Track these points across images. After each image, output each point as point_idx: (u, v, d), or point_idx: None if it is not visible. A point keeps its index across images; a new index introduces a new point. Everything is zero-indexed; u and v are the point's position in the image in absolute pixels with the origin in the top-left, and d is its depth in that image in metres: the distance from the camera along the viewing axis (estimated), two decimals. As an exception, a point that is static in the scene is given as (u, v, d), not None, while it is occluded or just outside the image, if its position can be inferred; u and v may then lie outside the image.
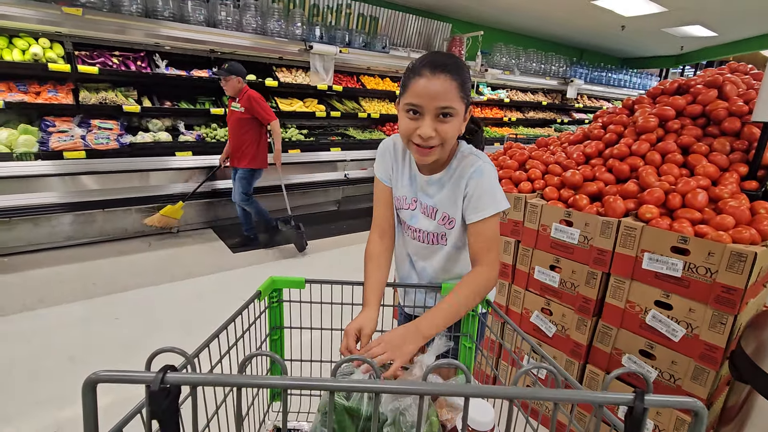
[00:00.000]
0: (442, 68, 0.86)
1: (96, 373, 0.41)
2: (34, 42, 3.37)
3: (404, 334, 0.84)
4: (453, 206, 1.02)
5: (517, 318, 1.89)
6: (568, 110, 8.22)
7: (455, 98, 0.88)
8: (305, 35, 4.57)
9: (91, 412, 0.42)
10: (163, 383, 0.42)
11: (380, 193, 1.11)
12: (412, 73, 0.89)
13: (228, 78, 3.38)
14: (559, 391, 0.44)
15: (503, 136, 6.54)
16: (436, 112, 0.88)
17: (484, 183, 0.97)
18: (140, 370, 0.43)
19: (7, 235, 3.25)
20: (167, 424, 0.44)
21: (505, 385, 0.48)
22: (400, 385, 0.46)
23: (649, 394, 0.43)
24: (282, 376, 0.46)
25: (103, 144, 3.43)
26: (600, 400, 0.44)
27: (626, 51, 8.83)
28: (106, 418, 0.47)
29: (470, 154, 1.01)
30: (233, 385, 0.45)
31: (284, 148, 4.42)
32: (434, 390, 0.44)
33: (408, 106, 0.90)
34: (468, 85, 0.91)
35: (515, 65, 6.65)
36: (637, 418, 0.43)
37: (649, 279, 1.43)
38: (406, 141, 0.95)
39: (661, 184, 1.54)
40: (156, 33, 3.66)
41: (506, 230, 1.88)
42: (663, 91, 2.02)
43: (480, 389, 0.45)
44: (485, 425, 0.65)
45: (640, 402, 0.43)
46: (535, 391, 0.45)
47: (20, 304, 2.63)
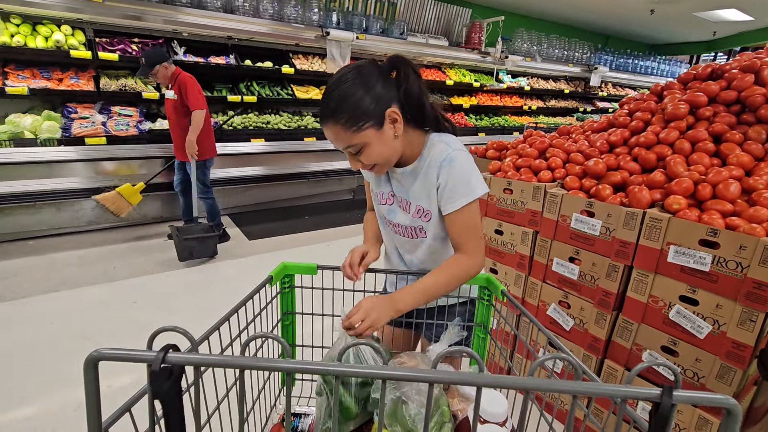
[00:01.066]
0: (325, 117, 0.88)
1: (98, 351, 0.41)
2: (56, 29, 3.43)
3: (380, 304, 0.88)
4: (426, 198, 0.99)
5: (533, 310, 1.84)
6: (592, 99, 7.97)
7: (349, 137, 0.88)
8: (322, 21, 4.52)
9: (93, 389, 0.41)
10: (165, 363, 0.42)
11: (367, 188, 1.18)
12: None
13: (153, 71, 3.05)
14: (579, 384, 0.41)
15: (523, 125, 6.39)
16: (346, 151, 0.92)
17: (455, 171, 0.94)
18: (142, 349, 0.43)
19: (32, 219, 3.35)
20: (169, 406, 0.44)
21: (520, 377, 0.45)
22: (409, 372, 0.44)
23: (678, 390, 0.40)
24: (286, 359, 0.45)
25: (123, 130, 3.49)
26: (623, 394, 0.41)
27: (655, 37, 8.46)
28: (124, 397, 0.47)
29: (440, 143, 0.97)
30: (235, 367, 0.44)
31: (300, 135, 4.42)
32: (445, 378, 0.42)
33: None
34: (360, 106, 0.85)
35: (537, 51, 6.46)
36: (664, 414, 0.40)
37: (675, 273, 1.37)
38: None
39: (691, 174, 1.46)
40: (174, 19, 3.67)
41: (524, 220, 1.83)
42: (695, 77, 1.91)
43: (494, 379, 0.42)
44: (498, 417, 0.63)
45: (668, 397, 0.39)
46: (552, 383, 0.42)
47: (44, 286, 2.71)
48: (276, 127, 4.34)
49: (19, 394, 1.81)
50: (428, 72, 5.64)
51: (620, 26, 7.63)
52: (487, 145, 2.35)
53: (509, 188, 1.86)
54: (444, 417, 0.73)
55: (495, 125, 6.15)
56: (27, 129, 3.23)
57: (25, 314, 2.40)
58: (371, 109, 0.86)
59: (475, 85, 5.99)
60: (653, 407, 0.41)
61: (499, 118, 6.38)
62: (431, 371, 0.42)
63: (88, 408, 0.42)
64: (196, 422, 0.50)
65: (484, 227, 2.01)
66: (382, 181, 1.07)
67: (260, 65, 4.27)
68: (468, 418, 0.77)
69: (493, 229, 1.95)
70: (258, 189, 4.51)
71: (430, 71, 5.68)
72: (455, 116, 5.91)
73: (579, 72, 7.11)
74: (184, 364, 0.43)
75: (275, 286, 1.02)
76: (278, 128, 4.35)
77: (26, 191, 3.18)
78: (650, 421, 0.41)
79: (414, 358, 0.84)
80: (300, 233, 3.93)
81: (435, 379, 0.42)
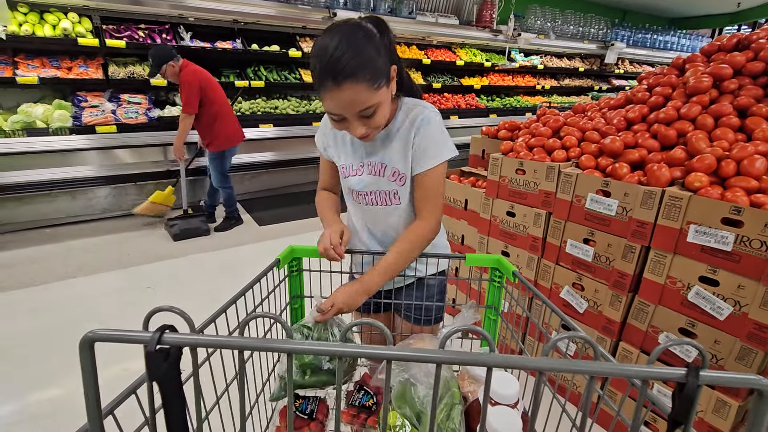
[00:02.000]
0: (343, 75, 0.78)
1: (93, 332, 0.40)
2: (63, 17, 3.42)
3: (350, 291, 0.90)
4: (403, 160, 0.98)
5: (546, 293, 1.81)
6: (607, 77, 7.72)
7: (369, 97, 0.82)
8: (329, 2, 4.43)
9: (90, 369, 0.41)
10: (161, 343, 0.41)
11: (323, 165, 1.13)
12: (319, 81, 0.82)
13: (162, 71, 3.06)
14: (597, 364, 0.39)
15: (535, 105, 6.23)
16: (359, 115, 0.84)
17: (431, 132, 0.95)
18: (139, 330, 0.42)
19: (49, 207, 3.42)
20: (167, 388, 0.43)
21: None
22: (417, 353, 0.42)
23: (705, 370, 0.38)
24: (286, 339, 0.43)
25: (133, 118, 3.49)
26: (646, 374, 0.38)
27: (674, 10, 8.10)
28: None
29: (416, 106, 0.98)
30: (233, 347, 0.43)
31: (308, 120, 4.38)
32: (454, 359, 0.40)
33: (330, 114, 0.86)
34: (377, 64, 0.81)
35: (550, 29, 6.25)
36: (689, 396, 0.38)
37: (694, 253, 1.32)
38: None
39: (713, 150, 1.40)
40: (180, 4, 3.63)
41: (537, 202, 1.79)
42: (719, 48, 1.82)
43: (505, 359, 0.40)
44: (509, 398, 0.61)
45: (695, 378, 0.37)
46: (569, 363, 0.39)
47: (61, 272, 2.77)
48: (284, 112, 4.31)
49: (40, 376, 1.86)
50: (438, 52, 5.51)
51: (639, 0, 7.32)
52: (499, 126, 2.29)
53: (521, 168, 1.81)
54: (454, 398, 0.72)
55: (507, 106, 6.01)
56: (39, 118, 3.26)
57: (43, 300, 2.46)
58: (384, 67, 0.83)
59: (487, 65, 5.84)
60: (677, 388, 0.39)
61: (511, 99, 6.23)
62: (439, 351, 0.40)
63: (85, 390, 0.41)
64: (197, 407, 0.49)
65: (496, 209, 1.97)
66: (351, 150, 1.04)
67: (267, 49, 4.21)
68: (479, 400, 0.75)
69: (505, 210, 1.91)
70: (268, 175, 4.51)
71: (439, 51, 5.55)
72: (466, 97, 5.79)
73: (594, 49, 6.87)
74: (180, 345, 0.42)
75: (283, 269, 1.01)
76: (286, 113, 4.31)
77: (41, 180, 3.23)
78: (674, 403, 0.39)
79: (423, 341, 0.83)
80: (311, 218, 3.93)
81: (443, 359, 0.40)
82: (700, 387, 0.37)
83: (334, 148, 1.07)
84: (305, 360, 0.83)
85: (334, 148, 1.07)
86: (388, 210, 1.05)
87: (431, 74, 5.62)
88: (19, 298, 2.47)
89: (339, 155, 1.07)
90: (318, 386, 0.88)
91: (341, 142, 1.05)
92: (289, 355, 0.44)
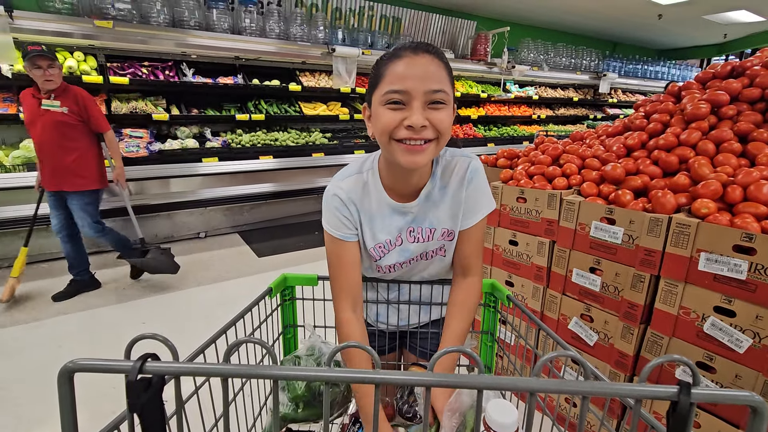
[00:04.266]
0: (426, 49, 0.71)
1: (73, 362, 0.39)
2: (69, 56, 3.51)
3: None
4: (452, 218, 0.88)
5: (554, 325, 1.74)
6: (601, 106, 7.88)
7: (446, 81, 0.72)
8: (327, 39, 4.57)
9: (68, 402, 0.39)
10: (142, 372, 0.39)
11: (346, 256, 0.86)
12: (387, 59, 0.73)
13: (54, 62, 2.52)
14: (588, 383, 0.38)
15: (532, 134, 6.32)
16: (426, 98, 0.70)
17: (480, 183, 0.88)
18: (120, 359, 0.40)
19: (46, 242, 3.38)
20: (148, 420, 0.40)
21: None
22: (402, 376, 0.41)
23: (697, 387, 0.37)
24: (271, 365, 0.42)
25: (134, 152, 3.52)
26: (638, 393, 0.38)
27: (663, 42, 8.38)
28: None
29: (455, 156, 0.88)
30: (217, 375, 0.41)
31: (308, 151, 4.41)
32: (442, 381, 0.39)
33: (389, 96, 0.71)
34: (452, 78, 0.76)
35: (544, 61, 6.43)
36: (683, 414, 0.37)
37: (707, 282, 1.27)
38: (387, 141, 0.74)
39: (718, 175, 1.38)
40: (183, 42, 3.73)
41: (539, 230, 1.75)
42: (714, 75, 1.84)
43: (495, 381, 0.39)
44: (508, 427, 0.57)
45: (686, 396, 0.37)
46: (561, 383, 0.38)
47: (56, 309, 2.70)
48: (284, 144, 4.35)
49: (31, 418, 1.77)
50: (435, 84, 5.64)
51: (628, 32, 7.57)
52: (498, 154, 2.29)
53: (522, 197, 1.78)
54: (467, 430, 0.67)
55: (504, 135, 6.09)
56: (40, 153, 3.28)
57: (37, 337, 2.38)
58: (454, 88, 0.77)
59: (483, 96, 5.96)
60: (670, 407, 0.38)
61: (508, 128, 6.33)
62: (428, 374, 0.39)
63: (63, 425, 0.39)
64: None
65: (498, 238, 1.93)
66: (386, 225, 0.87)
67: (268, 83, 4.31)
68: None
69: (507, 239, 1.87)
70: (267, 206, 4.50)
71: (436, 84, 5.68)
72: (463, 127, 5.88)
73: (587, 79, 7.05)
74: (162, 373, 0.40)
75: (275, 298, 0.97)
76: (286, 145, 4.35)
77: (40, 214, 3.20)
78: (668, 423, 0.38)
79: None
80: (310, 249, 3.88)
81: (431, 382, 0.39)
82: (693, 405, 0.36)
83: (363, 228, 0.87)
84: (297, 392, 0.80)
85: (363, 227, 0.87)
86: (426, 263, 0.95)
87: (429, 105, 5.73)
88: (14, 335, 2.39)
89: (371, 236, 0.87)
90: (311, 419, 0.84)
91: (369, 217, 0.87)
92: (274, 381, 0.43)
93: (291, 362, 0.85)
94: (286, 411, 0.80)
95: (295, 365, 0.82)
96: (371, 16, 5.09)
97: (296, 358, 0.86)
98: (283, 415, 0.80)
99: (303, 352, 0.86)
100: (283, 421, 0.81)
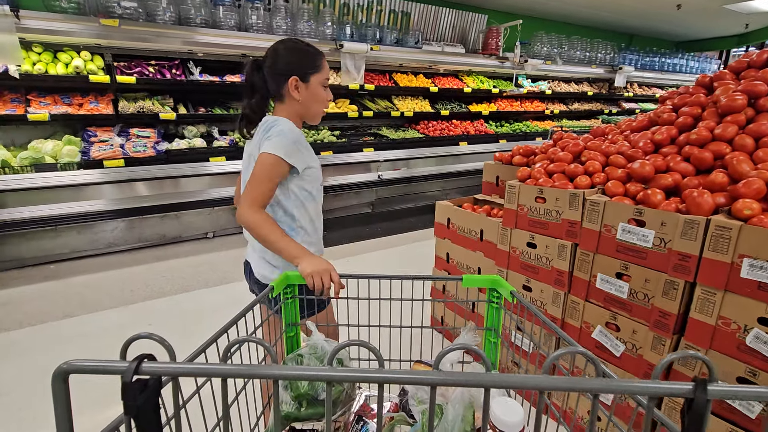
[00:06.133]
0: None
1: (68, 363, 0.38)
2: (76, 55, 3.48)
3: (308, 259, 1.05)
4: None
5: (576, 333, 1.64)
6: (617, 100, 7.66)
7: None
8: (335, 35, 4.48)
9: (63, 404, 0.39)
10: (138, 373, 0.39)
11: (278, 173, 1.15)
12: (319, 55, 1.23)
13: None
14: (600, 381, 0.38)
15: (546, 129, 6.16)
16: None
17: None
18: (115, 360, 0.40)
19: (53, 243, 3.36)
20: (144, 422, 0.40)
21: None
22: (409, 375, 0.40)
23: (713, 383, 0.36)
24: (271, 365, 0.41)
25: (141, 152, 3.48)
26: (652, 391, 0.37)
27: (681, 33, 8.11)
28: None
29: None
30: (215, 375, 0.40)
31: (316, 150, 4.34)
32: (449, 380, 0.39)
33: (325, 83, 1.23)
34: None
35: (557, 54, 6.25)
36: (699, 412, 0.36)
37: (750, 291, 1.16)
38: (322, 109, 1.28)
39: (760, 173, 1.26)
40: (189, 40, 3.68)
41: (560, 232, 1.65)
42: (749, 64, 1.71)
43: (503, 379, 0.38)
44: (513, 426, 0.56)
45: (702, 392, 0.36)
46: (571, 381, 0.38)
47: (62, 311, 2.67)
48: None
49: (38, 422, 1.72)
50: (445, 80, 5.52)
51: (644, 24, 7.34)
52: (513, 151, 2.18)
53: (541, 196, 1.68)
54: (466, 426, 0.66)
55: (516, 131, 5.94)
56: (48, 154, 3.26)
57: (44, 340, 2.35)
58: None
59: (494, 92, 5.82)
60: (685, 405, 0.37)
61: (520, 124, 6.18)
62: (434, 372, 0.39)
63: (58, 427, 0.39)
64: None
65: (515, 239, 1.83)
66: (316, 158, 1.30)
67: (275, 81, 4.23)
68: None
69: (525, 241, 1.77)
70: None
71: (446, 79, 5.56)
72: (474, 123, 5.75)
73: (603, 73, 6.85)
74: (159, 374, 0.40)
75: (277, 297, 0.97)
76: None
77: (48, 215, 3.19)
78: (683, 421, 0.37)
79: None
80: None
81: (437, 381, 0.39)
82: (709, 402, 0.35)
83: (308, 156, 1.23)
84: (300, 391, 0.79)
85: (308, 155, 1.23)
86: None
87: (439, 102, 5.61)
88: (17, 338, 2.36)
89: (314, 166, 1.25)
90: (315, 418, 0.83)
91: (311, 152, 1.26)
92: (275, 381, 0.42)
93: (293, 361, 0.85)
94: (289, 410, 0.79)
95: (298, 364, 0.83)
96: (380, 11, 4.98)
97: (298, 356, 0.85)
98: (286, 414, 0.79)
99: (305, 351, 0.86)
100: (286, 419, 0.80)
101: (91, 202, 3.36)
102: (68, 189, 3.23)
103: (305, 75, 1.19)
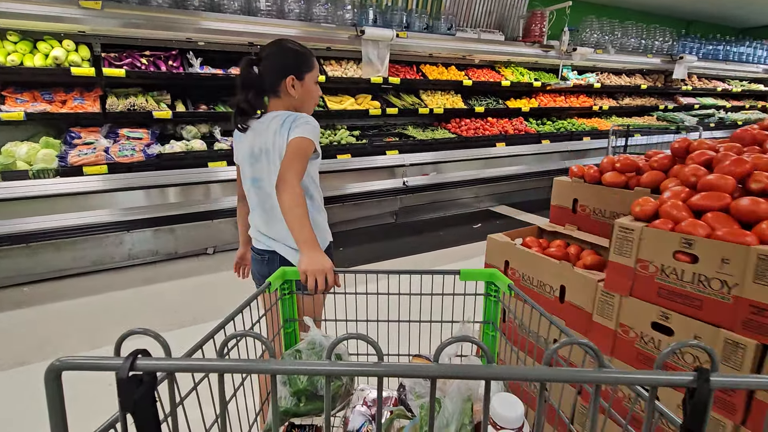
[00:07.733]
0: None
1: (60, 360, 0.38)
2: (57, 44, 3.01)
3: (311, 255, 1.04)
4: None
5: None
6: (673, 94, 6.78)
7: None
8: (356, 20, 3.89)
9: (56, 401, 0.38)
10: (133, 369, 0.39)
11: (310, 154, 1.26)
12: (311, 55, 1.33)
13: None
14: (602, 371, 0.37)
15: (594, 128, 5.39)
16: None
17: None
18: (109, 356, 0.39)
19: (29, 262, 2.91)
20: (141, 418, 0.39)
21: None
22: (410, 368, 0.41)
23: (715, 373, 0.35)
24: (269, 360, 0.40)
25: (128, 156, 2.98)
26: (654, 381, 0.36)
27: (746, 18, 7.14)
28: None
29: None
30: (211, 370, 0.40)
31: (332, 152, 3.76)
32: (449, 373, 0.39)
33: (317, 78, 1.35)
34: None
35: (609, 42, 5.47)
36: (701, 402, 0.35)
37: None
38: (315, 104, 1.41)
39: None
40: (187, 25, 3.16)
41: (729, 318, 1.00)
42: None
43: (504, 370, 0.38)
44: (513, 422, 0.53)
45: (705, 382, 0.35)
46: (572, 372, 0.37)
47: (36, 350, 2.19)
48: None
49: None
50: (480, 72, 4.84)
51: (705, 8, 6.45)
52: (601, 165, 1.53)
53: (690, 252, 1.02)
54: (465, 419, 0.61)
55: (561, 130, 5.20)
56: (22, 159, 2.81)
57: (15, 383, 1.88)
58: None
59: (536, 85, 5.11)
60: (687, 395, 0.36)
61: (564, 122, 5.43)
62: (434, 365, 0.38)
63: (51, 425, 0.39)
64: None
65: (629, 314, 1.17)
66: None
67: (286, 74, 3.68)
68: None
69: (649, 321, 1.11)
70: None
71: (481, 71, 4.88)
72: (513, 121, 5.05)
73: (659, 63, 6.01)
74: (154, 370, 0.39)
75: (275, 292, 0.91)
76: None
77: (17, 231, 2.73)
78: (685, 411, 0.36)
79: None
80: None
81: (438, 373, 0.39)
82: (712, 392, 0.35)
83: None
84: (299, 386, 0.77)
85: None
86: None
87: (472, 97, 4.94)
88: None
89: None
90: (314, 414, 0.81)
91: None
92: (272, 376, 0.43)
93: (291, 356, 0.82)
94: (288, 405, 0.77)
95: (296, 359, 0.80)
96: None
97: (297, 352, 0.82)
98: (285, 410, 0.76)
99: (304, 346, 0.83)
100: (285, 415, 0.78)
101: (73, 215, 2.88)
102: (42, 200, 2.76)
103: (301, 74, 1.28)
